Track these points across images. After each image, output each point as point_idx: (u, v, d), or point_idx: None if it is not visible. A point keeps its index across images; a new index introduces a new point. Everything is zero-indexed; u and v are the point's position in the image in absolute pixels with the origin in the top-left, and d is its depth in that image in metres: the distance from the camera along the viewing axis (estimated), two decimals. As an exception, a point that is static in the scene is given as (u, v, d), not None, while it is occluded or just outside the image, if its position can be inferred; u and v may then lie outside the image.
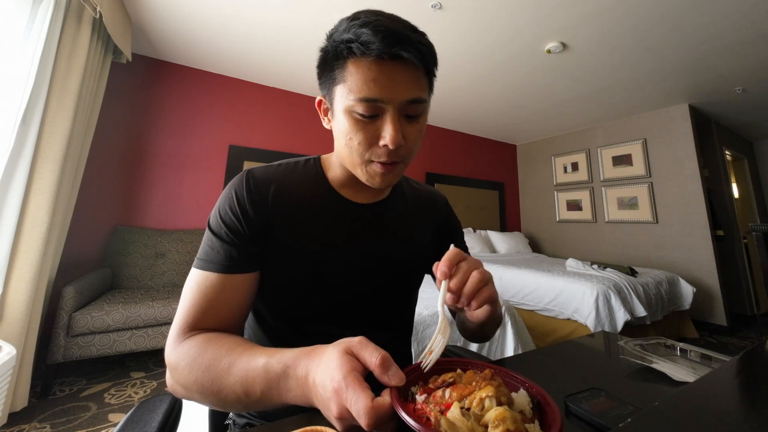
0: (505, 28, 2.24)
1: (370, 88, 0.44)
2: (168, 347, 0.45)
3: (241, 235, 0.50)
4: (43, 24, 1.52)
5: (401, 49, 0.43)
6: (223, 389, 0.39)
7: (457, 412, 0.29)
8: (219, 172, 2.88)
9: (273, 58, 2.70)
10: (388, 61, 0.44)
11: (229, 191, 0.53)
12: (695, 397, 0.30)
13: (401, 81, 0.45)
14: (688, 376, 0.50)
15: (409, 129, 0.48)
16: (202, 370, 0.41)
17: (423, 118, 0.50)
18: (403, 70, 0.45)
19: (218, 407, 0.42)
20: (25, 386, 1.45)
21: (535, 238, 4.83)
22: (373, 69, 0.44)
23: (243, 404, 0.40)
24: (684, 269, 3.24)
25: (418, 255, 0.64)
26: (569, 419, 0.40)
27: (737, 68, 2.65)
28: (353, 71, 0.45)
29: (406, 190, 0.68)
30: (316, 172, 0.59)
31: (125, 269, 2.26)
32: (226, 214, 0.51)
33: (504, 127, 4.38)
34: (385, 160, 0.48)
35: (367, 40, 0.43)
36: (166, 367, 0.45)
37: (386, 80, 0.44)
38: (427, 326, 1.57)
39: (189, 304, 0.47)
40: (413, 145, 0.50)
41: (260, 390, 0.38)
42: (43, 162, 1.55)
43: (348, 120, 0.47)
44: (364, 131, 0.47)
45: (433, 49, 0.48)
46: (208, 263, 0.48)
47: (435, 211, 0.70)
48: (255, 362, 0.39)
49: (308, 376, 0.35)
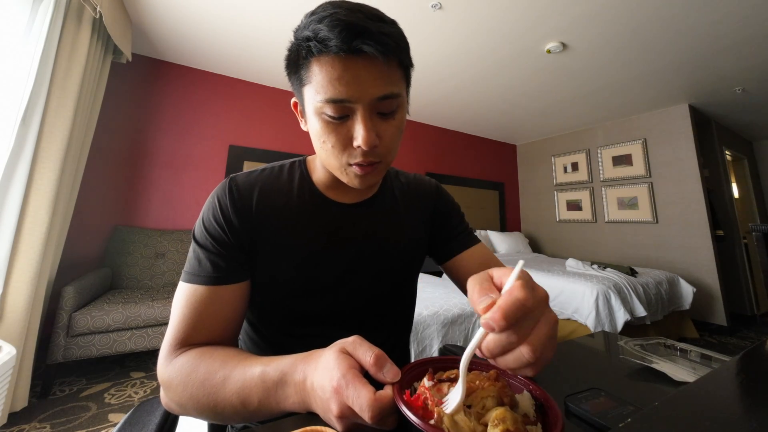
0: (505, 28, 2.24)
1: (335, 88, 0.41)
2: (160, 365, 0.44)
3: (227, 244, 0.49)
4: (43, 24, 1.52)
5: (361, 42, 0.39)
6: (220, 403, 0.39)
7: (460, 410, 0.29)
8: (219, 172, 2.88)
9: (273, 58, 2.70)
10: (350, 57, 0.40)
11: (212, 200, 0.52)
12: (695, 397, 0.30)
13: (367, 77, 0.41)
14: (688, 376, 0.50)
15: (384, 126, 0.45)
16: (196, 386, 0.40)
17: (400, 113, 0.46)
18: (368, 65, 0.41)
19: (216, 421, 0.42)
20: (25, 386, 1.45)
21: (535, 238, 4.83)
22: (336, 67, 0.40)
23: (241, 416, 0.39)
24: (684, 269, 3.24)
25: (409, 250, 0.63)
26: (569, 419, 0.40)
27: (737, 68, 2.65)
28: (317, 71, 0.42)
29: (394, 183, 0.66)
30: (301, 175, 0.58)
31: (125, 269, 2.26)
32: (210, 224, 0.50)
33: (504, 127, 4.38)
34: (361, 162, 0.45)
35: (324, 36, 0.39)
36: (160, 385, 0.44)
37: (351, 78, 0.40)
38: (427, 326, 1.57)
39: (179, 320, 0.45)
40: (391, 143, 0.46)
41: (258, 400, 0.37)
42: (43, 162, 1.55)
43: (319, 122, 0.44)
44: (335, 133, 0.44)
45: (402, 37, 0.44)
46: (196, 276, 0.47)
47: (424, 200, 0.68)
48: (251, 372, 0.38)
49: (306, 380, 0.35)
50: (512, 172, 5.17)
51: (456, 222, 0.69)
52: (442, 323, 1.59)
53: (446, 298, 1.77)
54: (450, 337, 1.59)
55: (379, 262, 0.58)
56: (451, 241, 0.67)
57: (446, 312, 1.64)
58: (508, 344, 0.28)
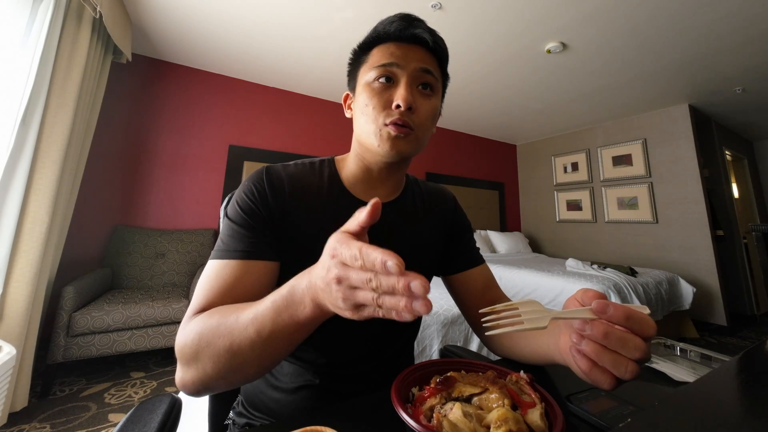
0: (505, 28, 2.24)
1: (387, 58, 0.52)
2: (179, 333, 0.43)
3: (259, 219, 0.51)
4: (43, 24, 1.52)
5: (414, 29, 0.52)
6: (235, 340, 0.37)
7: (459, 413, 0.29)
8: (219, 172, 2.88)
9: (273, 58, 2.70)
10: (405, 42, 0.53)
11: (247, 183, 0.55)
12: (695, 397, 0.30)
13: (414, 55, 0.52)
14: (688, 376, 0.50)
15: (421, 101, 0.52)
16: (211, 332, 0.39)
17: (435, 98, 0.55)
18: (416, 49, 0.53)
19: (231, 371, 0.39)
20: (25, 386, 1.45)
21: (535, 238, 4.83)
22: (391, 47, 0.53)
23: (257, 350, 0.37)
24: (684, 269, 3.24)
25: (426, 255, 0.64)
26: (569, 419, 0.40)
27: (737, 68, 2.65)
28: (375, 53, 0.54)
29: (415, 189, 0.69)
30: (330, 172, 0.60)
31: (125, 269, 2.26)
32: (244, 201, 0.52)
33: (504, 127, 4.38)
34: (396, 120, 0.50)
35: (384, 29, 0.53)
36: (177, 358, 0.42)
37: (401, 53, 0.52)
38: (428, 326, 1.57)
39: (206, 289, 0.45)
40: (425, 118, 0.53)
41: (272, 322, 0.36)
42: (43, 162, 1.55)
43: (366, 91, 0.53)
44: (379, 96, 0.51)
45: (445, 44, 0.56)
46: (227, 252, 0.48)
47: (443, 209, 0.70)
48: (262, 305, 0.38)
49: (311, 277, 0.34)
50: (512, 172, 5.16)
51: (468, 238, 0.72)
52: (442, 323, 1.59)
53: (446, 298, 1.77)
54: (450, 337, 1.59)
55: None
56: (461, 257, 0.70)
57: (446, 312, 1.63)
58: (621, 345, 0.31)
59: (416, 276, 0.25)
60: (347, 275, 0.28)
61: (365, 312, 0.29)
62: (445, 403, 0.31)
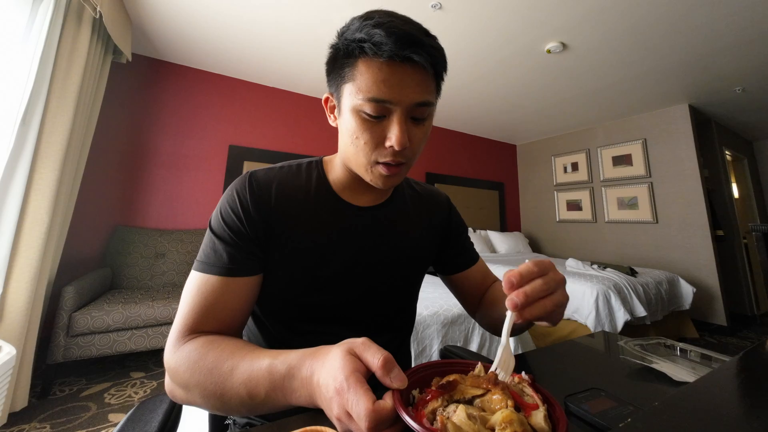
0: (505, 28, 2.24)
1: (380, 89, 0.44)
2: (168, 350, 0.45)
3: (243, 235, 0.50)
4: (43, 24, 1.52)
5: (413, 52, 0.43)
6: (227, 392, 0.39)
7: (463, 415, 0.29)
8: (219, 173, 2.88)
9: (273, 58, 2.70)
10: (399, 63, 0.44)
11: (230, 192, 0.53)
12: (695, 397, 0.30)
13: (410, 83, 0.45)
14: (688, 376, 0.50)
15: (415, 131, 0.48)
16: (204, 374, 0.40)
17: (429, 120, 0.50)
18: (413, 73, 0.45)
19: (220, 411, 0.42)
20: (25, 386, 1.45)
21: (535, 238, 4.83)
22: (383, 70, 0.44)
23: (247, 407, 0.39)
24: (684, 269, 3.24)
25: (418, 257, 0.64)
26: (569, 419, 0.40)
27: (737, 68, 2.65)
28: (363, 71, 0.45)
29: (407, 191, 0.68)
30: (318, 175, 0.59)
31: (125, 269, 2.26)
32: (228, 215, 0.51)
33: (504, 127, 4.38)
34: (389, 161, 0.48)
35: (379, 41, 0.42)
36: (166, 371, 0.44)
37: (396, 82, 0.44)
38: (428, 326, 1.57)
39: (189, 307, 0.46)
40: (417, 147, 0.50)
41: (264, 392, 0.37)
42: (43, 162, 1.55)
43: (355, 119, 0.46)
44: (370, 131, 0.46)
45: (444, 53, 0.48)
46: (210, 266, 0.48)
47: (436, 211, 0.70)
48: (259, 364, 0.38)
49: (313, 376, 0.35)
50: (512, 172, 5.16)
51: (464, 238, 0.73)
52: (442, 323, 1.59)
53: (446, 298, 1.77)
54: (450, 337, 1.59)
55: (387, 264, 0.59)
56: (459, 257, 0.72)
57: (446, 312, 1.63)
58: (533, 293, 0.36)
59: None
60: (345, 422, 0.31)
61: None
62: (447, 405, 0.31)
